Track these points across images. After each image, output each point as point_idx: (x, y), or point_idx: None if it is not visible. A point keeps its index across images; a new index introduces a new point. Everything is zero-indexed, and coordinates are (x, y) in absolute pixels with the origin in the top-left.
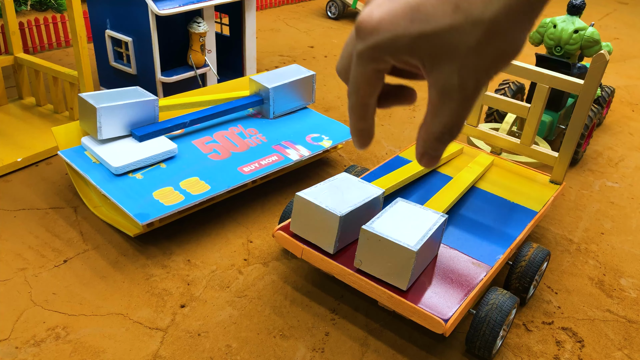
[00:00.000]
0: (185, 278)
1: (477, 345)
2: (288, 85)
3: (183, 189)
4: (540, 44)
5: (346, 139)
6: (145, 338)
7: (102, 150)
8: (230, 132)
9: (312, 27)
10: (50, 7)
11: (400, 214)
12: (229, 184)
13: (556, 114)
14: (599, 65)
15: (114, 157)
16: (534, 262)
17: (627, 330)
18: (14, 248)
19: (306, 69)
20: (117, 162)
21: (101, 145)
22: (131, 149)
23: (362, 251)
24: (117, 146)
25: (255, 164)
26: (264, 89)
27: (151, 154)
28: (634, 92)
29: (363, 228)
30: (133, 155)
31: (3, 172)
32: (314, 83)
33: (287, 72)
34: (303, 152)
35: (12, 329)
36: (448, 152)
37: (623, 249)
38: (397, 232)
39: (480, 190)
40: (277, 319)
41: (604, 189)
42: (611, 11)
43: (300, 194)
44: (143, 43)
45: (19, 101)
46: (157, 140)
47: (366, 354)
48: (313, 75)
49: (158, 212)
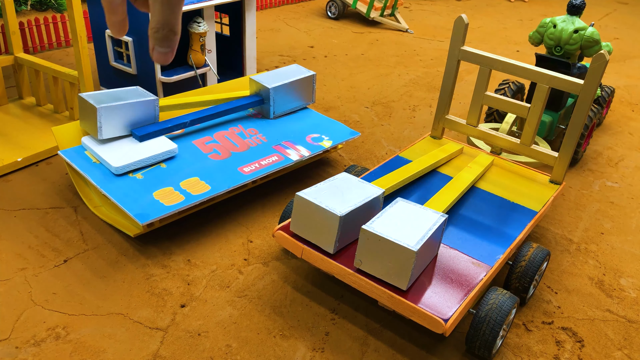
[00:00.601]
0: (186, 278)
1: (477, 345)
2: (288, 85)
3: (183, 189)
4: (540, 44)
5: (346, 139)
6: (145, 338)
7: (102, 150)
8: (230, 132)
9: (312, 27)
10: (50, 7)
11: (400, 213)
12: (229, 184)
13: (556, 114)
14: (599, 65)
15: (114, 157)
16: (533, 262)
17: (627, 330)
18: (14, 248)
19: (306, 69)
20: (117, 162)
21: (101, 145)
22: (131, 148)
23: (362, 251)
24: (117, 146)
25: (256, 164)
26: (264, 89)
27: (151, 154)
28: (634, 92)
29: (363, 228)
30: (133, 155)
31: (3, 172)
32: (314, 83)
33: (287, 72)
34: (303, 153)
35: (12, 329)
36: (448, 152)
37: (623, 249)
38: (397, 232)
39: (480, 190)
40: (277, 318)
41: (603, 188)
42: (611, 11)
43: (300, 193)
44: (143, 43)
45: (19, 101)
46: (158, 140)
47: (366, 353)
48: (313, 75)
49: (158, 212)
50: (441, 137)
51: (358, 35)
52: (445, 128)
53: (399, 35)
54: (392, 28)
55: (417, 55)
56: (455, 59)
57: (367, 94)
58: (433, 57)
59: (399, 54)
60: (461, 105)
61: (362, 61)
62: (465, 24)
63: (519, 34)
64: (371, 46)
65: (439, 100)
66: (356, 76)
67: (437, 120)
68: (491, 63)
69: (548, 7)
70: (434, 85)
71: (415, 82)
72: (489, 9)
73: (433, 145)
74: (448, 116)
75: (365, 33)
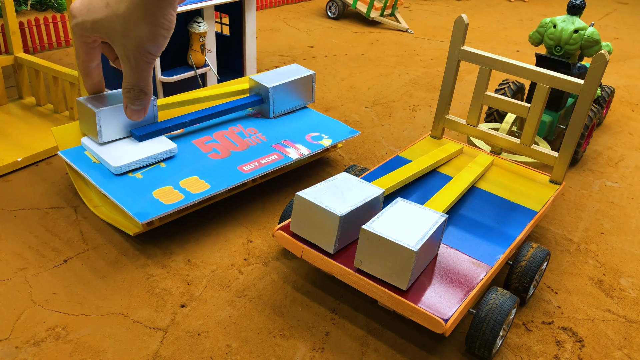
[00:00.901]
0: (186, 278)
1: (477, 344)
2: (288, 85)
3: (183, 188)
4: (540, 44)
5: (346, 137)
6: (145, 338)
7: (102, 150)
8: (230, 131)
9: (312, 27)
10: (50, 7)
11: (401, 213)
12: (229, 183)
13: (556, 114)
14: (599, 65)
15: (113, 157)
16: (534, 262)
17: (627, 330)
18: (14, 248)
19: (306, 68)
20: (116, 162)
21: (101, 145)
22: (131, 148)
23: (362, 251)
24: (116, 146)
25: (255, 163)
26: (263, 88)
27: (151, 153)
28: (634, 92)
29: (363, 228)
30: (133, 155)
31: (3, 172)
32: (313, 82)
33: (286, 72)
34: (303, 151)
35: (12, 329)
36: (448, 152)
37: (623, 249)
38: (397, 232)
39: (480, 190)
40: (277, 318)
41: (603, 188)
42: (611, 11)
43: (300, 193)
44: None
45: (19, 101)
46: (157, 140)
47: (366, 353)
48: (313, 74)
49: (158, 211)
50: (441, 137)
51: (358, 35)
52: (445, 128)
53: (399, 35)
54: (392, 28)
55: (417, 55)
56: (455, 58)
57: (367, 94)
58: (433, 57)
59: (399, 54)
60: (461, 105)
61: (362, 61)
62: (465, 24)
63: (519, 34)
64: (371, 46)
65: (439, 100)
66: (356, 76)
67: (437, 120)
68: (491, 63)
69: (548, 7)
70: (434, 85)
71: (415, 82)
72: (489, 9)
73: (433, 145)
74: (448, 116)
75: (365, 33)
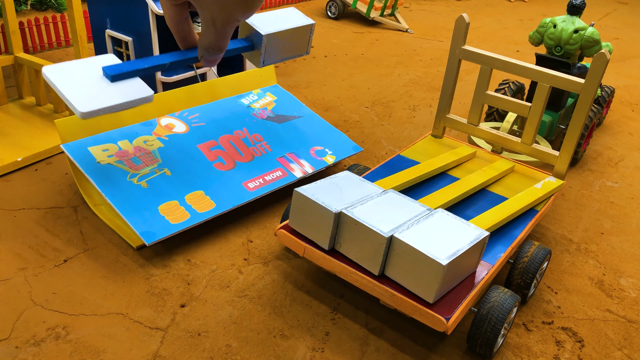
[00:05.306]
0: (185, 278)
1: (479, 343)
2: (283, 34)
3: (189, 205)
4: (540, 44)
5: (349, 154)
6: (145, 338)
7: (67, 89)
8: (235, 136)
9: None
10: (50, 6)
11: (438, 225)
12: (234, 203)
13: (556, 114)
14: (599, 64)
15: (81, 99)
16: (535, 260)
17: (627, 330)
18: (14, 248)
19: (305, 15)
20: (84, 107)
21: (66, 80)
22: (101, 90)
23: (391, 260)
24: (84, 85)
25: (260, 180)
26: (256, 34)
27: (124, 100)
28: (634, 92)
29: (395, 236)
30: (104, 99)
31: (3, 172)
32: (311, 33)
33: (284, 17)
34: (307, 169)
35: (12, 329)
36: (459, 155)
37: (623, 249)
38: (428, 244)
39: (481, 188)
40: (277, 318)
41: (603, 188)
42: (611, 11)
43: (298, 189)
44: (143, 43)
45: (19, 101)
46: (132, 82)
47: (366, 353)
48: (312, 24)
49: (165, 231)
50: (442, 136)
51: (358, 35)
52: (447, 127)
53: (399, 35)
54: (392, 28)
55: (417, 55)
56: (456, 58)
57: (367, 94)
58: (433, 57)
59: (399, 54)
60: (461, 105)
61: (362, 61)
62: (466, 24)
63: (519, 34)
64: (371, 46)
65: (440, 99)
66: (356, 76)
67: (438, 119)
68: (492, 62)
69: (548, 7)
70: (434, 85)
71: (415, 82)
72: (489, 9)
73: (434, 144)
74: (449, 115)
75: (365, 33)
